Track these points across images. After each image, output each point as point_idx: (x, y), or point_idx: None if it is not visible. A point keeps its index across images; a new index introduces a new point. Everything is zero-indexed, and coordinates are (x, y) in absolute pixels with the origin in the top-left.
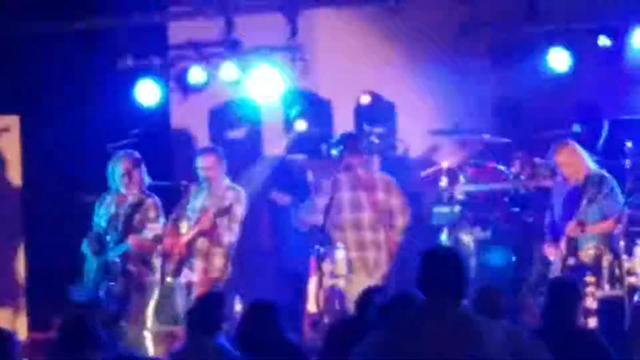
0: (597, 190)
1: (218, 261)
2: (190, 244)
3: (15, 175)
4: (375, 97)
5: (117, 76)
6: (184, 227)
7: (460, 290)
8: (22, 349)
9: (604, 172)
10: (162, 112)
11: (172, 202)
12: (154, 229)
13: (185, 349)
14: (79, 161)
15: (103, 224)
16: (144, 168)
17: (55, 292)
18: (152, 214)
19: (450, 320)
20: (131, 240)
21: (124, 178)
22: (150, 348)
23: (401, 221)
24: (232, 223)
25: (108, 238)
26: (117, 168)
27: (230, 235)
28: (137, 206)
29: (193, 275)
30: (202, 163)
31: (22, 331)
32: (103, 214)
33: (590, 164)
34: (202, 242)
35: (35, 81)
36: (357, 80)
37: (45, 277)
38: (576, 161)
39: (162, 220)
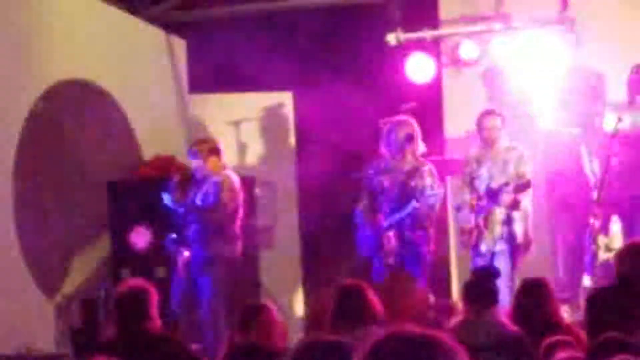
0: None
1: (518, 228)
2: (486, 217)
3: (289, 151)
4: None
5: (388, 51)
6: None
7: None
8: None
9: None
10: (434, 88)
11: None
12: (432, 195)
13: (464, 323)
14: (350, 137)
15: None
16: (418, 137)
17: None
18: (428, 180)
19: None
20: (412, 206)
21: (402, 145)
22: None
23: None
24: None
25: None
26: (393, 135)
27: (526, 199)
28: (413, 173)
29: (497, 245)
30: (488, 123)
31: None
32: (380, 181)
33: None
34: (499, 213)
35: (307, 58)
36: (630, 52)
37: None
38: None
39: (438, 189)
